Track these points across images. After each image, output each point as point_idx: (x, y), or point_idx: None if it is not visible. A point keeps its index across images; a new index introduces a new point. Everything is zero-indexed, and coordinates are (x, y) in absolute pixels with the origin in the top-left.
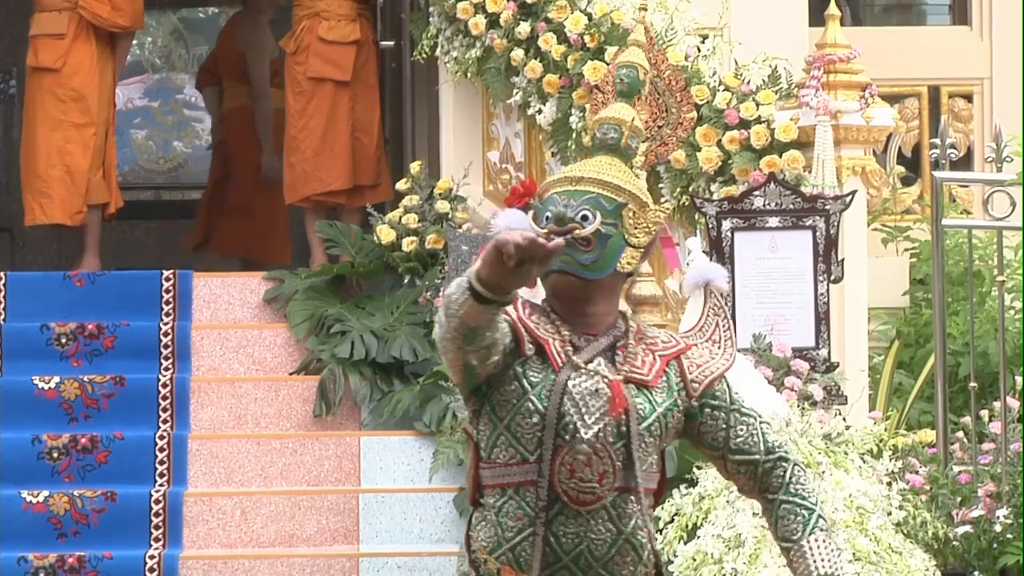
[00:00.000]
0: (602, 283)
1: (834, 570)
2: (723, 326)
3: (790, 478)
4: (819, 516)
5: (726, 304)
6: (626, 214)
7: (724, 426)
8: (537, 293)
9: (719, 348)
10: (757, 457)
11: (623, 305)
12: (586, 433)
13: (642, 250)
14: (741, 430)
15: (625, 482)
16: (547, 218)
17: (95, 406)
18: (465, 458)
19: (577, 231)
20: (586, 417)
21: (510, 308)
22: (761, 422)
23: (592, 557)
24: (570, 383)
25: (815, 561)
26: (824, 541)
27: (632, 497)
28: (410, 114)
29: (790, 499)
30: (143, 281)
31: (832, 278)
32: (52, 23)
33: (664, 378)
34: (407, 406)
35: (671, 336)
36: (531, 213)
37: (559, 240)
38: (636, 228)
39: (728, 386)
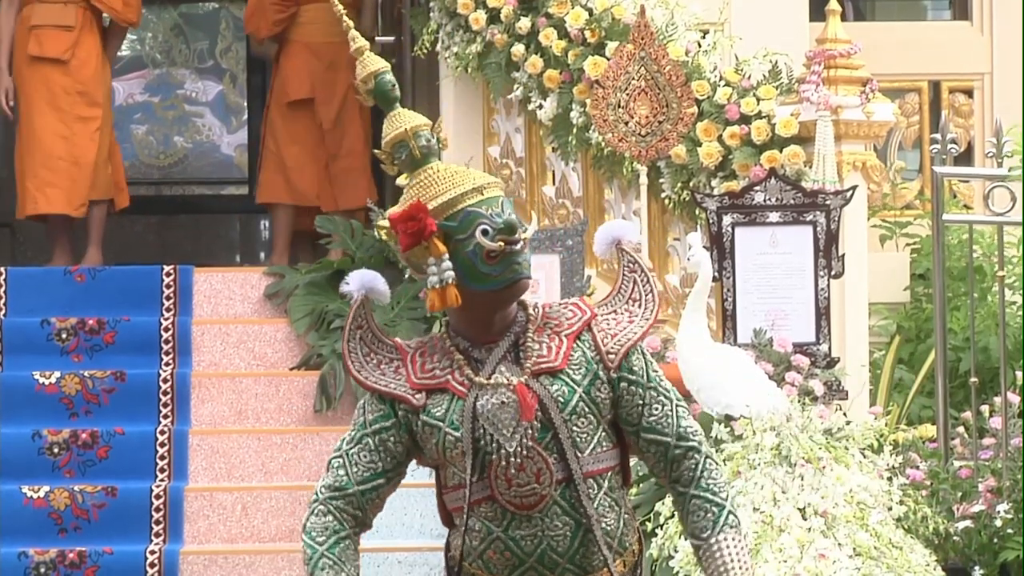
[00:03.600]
0: None
1: (744, 573)
2: (641, 281)
3: (701, 471)
4: (729, 512)
5: (641, 259)
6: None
7: (640, 403)
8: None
9: (639, 307)
10: (668, 440)
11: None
12: (510, 446)
13: None
14: (656, 409)
15: (566, 472)
16: (485, 232)
17: (96, 401)
18: None
19: (525, 235)
20: (504, 431)
21: (393, 385)
22: (677, 404)
23: (556, 554)
24: (478, 404)
25: (728, 561)
26: (734, 539)
27: (582, 483)
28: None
29: (700, 494)
30: (144, 276)
31: (833, 273)
32: (59, 15)
33: (577, 354)
34: None
35: (576, 309)
36: (434, 237)
37: None
38: None
39: (646, 361)
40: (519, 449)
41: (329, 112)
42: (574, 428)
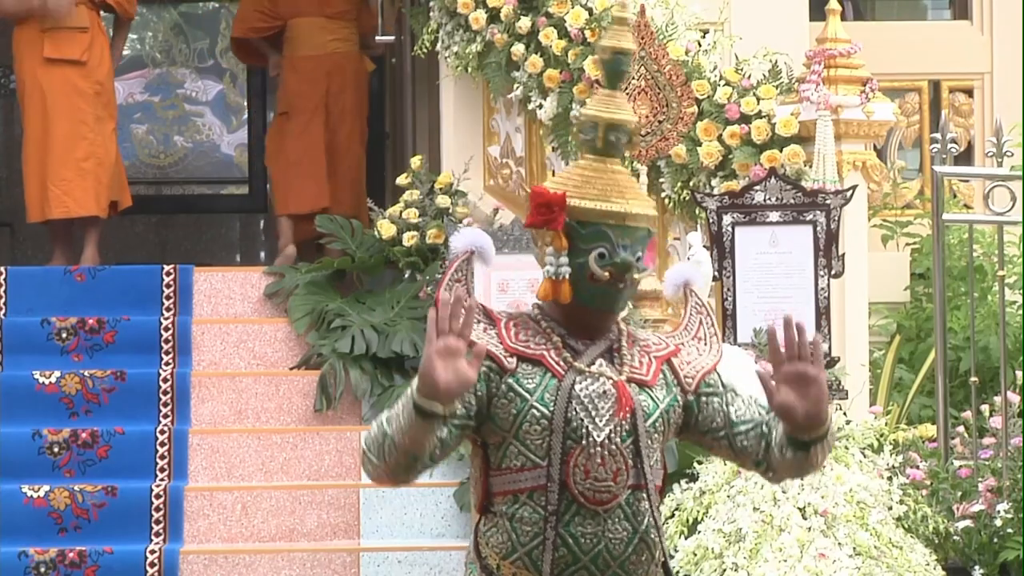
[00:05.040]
0: None
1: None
2: (707, 323)
3: None
4: None
5: (706, 303)
6: None
7: (722, 406)
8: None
9: (706, 344)
10: (760, 418)
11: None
12: (599, 435)
13: None
14: (740, 403)
15: (636, 479)
16: (601, 255)
17: (96, 401)
18: (466, 455)
19: (637, 278)
20: (597, 419)
21: (487, 338)
22: (752, 397)
23: (610, 556)
24: (576, 387)
25: None
26: None
27: (644, 494)
28: (411, 109)
29: None
30: (144, 276)
31: (833, 273)
32: (73, 16)
33: (661, 377)
34: None
35: (660, 338)
36: (550, 238)
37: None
38: None
39: (719, 374)
40: (606, 441)
41: (299, 122)
42: (649, 441)
